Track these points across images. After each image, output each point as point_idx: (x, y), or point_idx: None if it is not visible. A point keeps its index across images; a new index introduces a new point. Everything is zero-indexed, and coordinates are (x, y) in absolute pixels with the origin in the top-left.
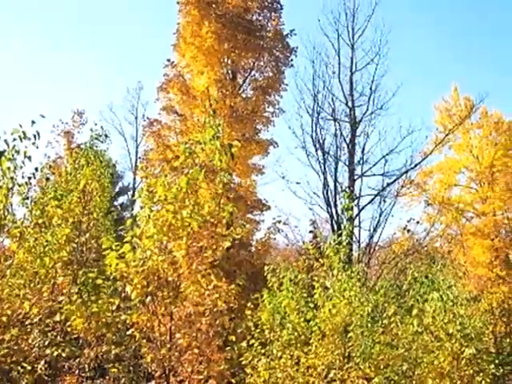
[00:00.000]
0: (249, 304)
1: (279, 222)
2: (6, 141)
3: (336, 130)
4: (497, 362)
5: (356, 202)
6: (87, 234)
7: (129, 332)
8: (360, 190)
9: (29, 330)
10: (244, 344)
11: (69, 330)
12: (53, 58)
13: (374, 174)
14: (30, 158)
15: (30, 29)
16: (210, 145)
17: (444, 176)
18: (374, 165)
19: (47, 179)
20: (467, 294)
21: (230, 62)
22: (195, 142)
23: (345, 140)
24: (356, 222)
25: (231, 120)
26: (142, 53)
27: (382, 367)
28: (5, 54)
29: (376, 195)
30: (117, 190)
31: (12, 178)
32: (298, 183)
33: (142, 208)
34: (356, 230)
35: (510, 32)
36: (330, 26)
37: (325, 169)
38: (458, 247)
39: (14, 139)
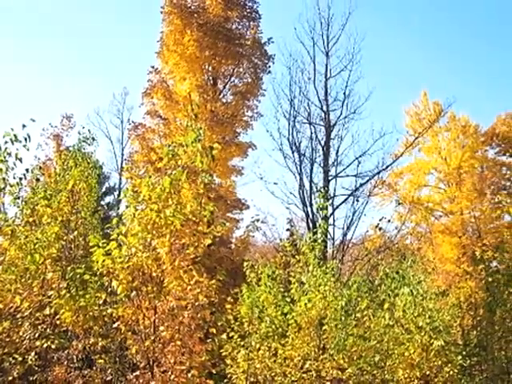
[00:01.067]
0: (229, 298)
1: (257, 220)
2: None
3: (311, 133)
4: (464, 353)
5: (330, 201)
6: (75, 232)
7: (115, 325)
8: (334, 190)
9: (20, 322)
10: (224, 336)
11: (58, 322)
12: (43, 63)
13: (348, 175)
14: (21, 159)
15: (21, 30)
16: (191, 147)
17: (414, 177)
18: (348, 166)
19: (37, 180)
20: (436, 289)
21: (210, 68)
22: (178, 145)
23: (320, 143)
24: (330, 220)
25: (212, 124)
26: (127, 60)
27: (355, 358)
28: None
29: (349, 195)
30: (103, 190)
31: (4, 179)
32: (275, 184)
33: (127, 207)
34: (330, 228)
35: (478, 39)
36: (306, 34)
37: (301, 170)
38: (427, 244)
39: (6, 142)
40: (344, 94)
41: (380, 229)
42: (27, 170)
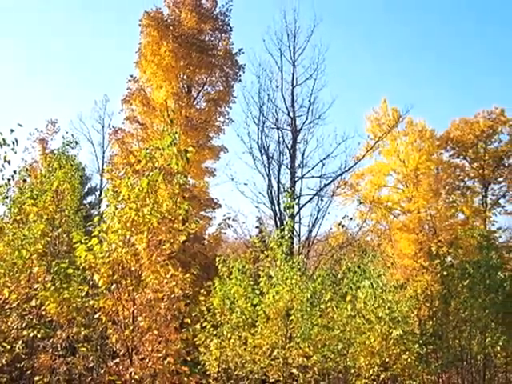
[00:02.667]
0: (202, 291)
1: (229, 218)
2: None
3: (279, 137)
4: (421, 342)
5: (297, 200)
6: (60, 229)
7: (96, 315)
8: (300, 190)
9: (8, 313)
10: (198, 326)
11: (43, 313)
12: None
13: (313, 176)
14: (9, 162)
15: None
16: (167, 150)
17: (374, 178)
18: (313, 168)
19: (24, 181)
20: (395, 282)
21: (185, 77)
22: (155, 148)
23: (287, 146)
24: (297, 218)
25: (186, 128)
26: (107, 69)
27: (319, 346)
28: None
29: (314, 195)
30: (86, 190)
31: None
32: (245, 184)
33: (107, 206)
34: (297, 226)
35: (434, 50)
36: (274, 45)
37: (269, 171)
38: (387, 241)
39: None
40: (309, 101)
41: (343, 226)
42: (15, 172)
